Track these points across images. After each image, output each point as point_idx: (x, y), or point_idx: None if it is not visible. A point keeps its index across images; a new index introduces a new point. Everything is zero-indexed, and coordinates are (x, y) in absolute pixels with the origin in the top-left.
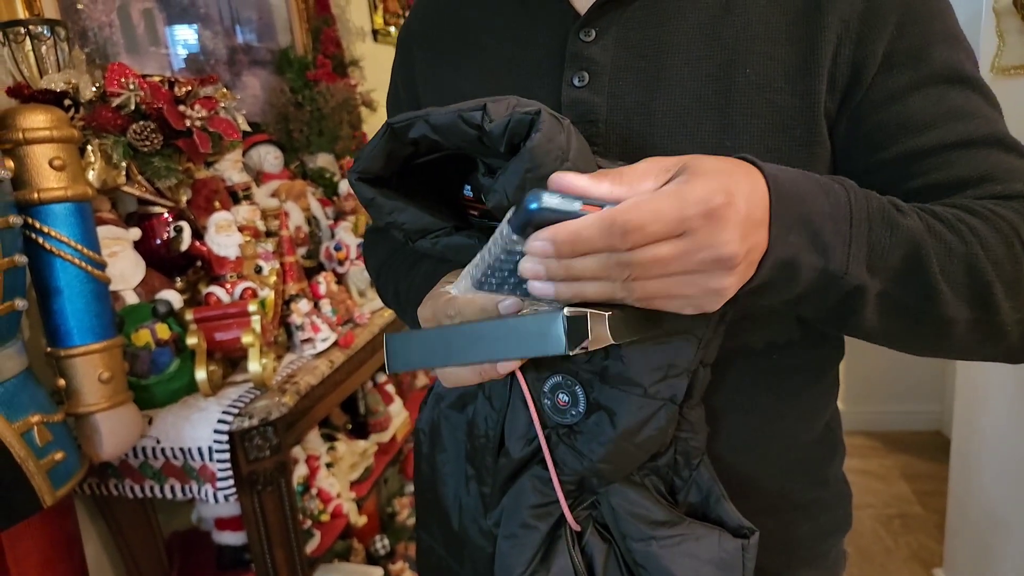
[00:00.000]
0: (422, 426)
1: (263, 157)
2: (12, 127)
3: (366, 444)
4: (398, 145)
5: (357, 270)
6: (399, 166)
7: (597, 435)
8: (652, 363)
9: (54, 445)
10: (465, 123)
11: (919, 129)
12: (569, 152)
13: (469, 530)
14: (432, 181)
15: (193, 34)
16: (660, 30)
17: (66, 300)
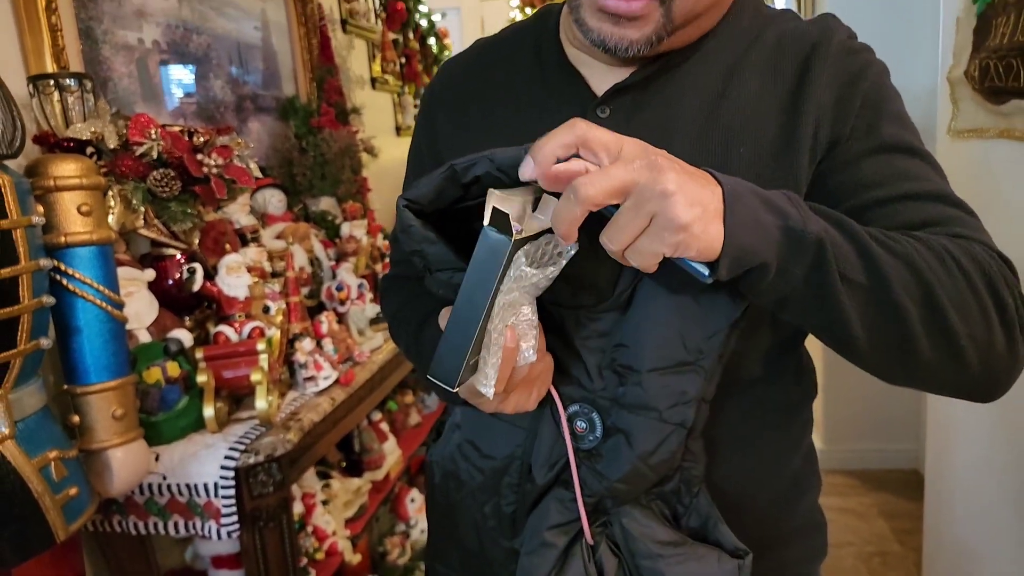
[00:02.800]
0: (436, 457)
1: (267, 200)
2: (44, 175)
3: (360, 482)
4: (452, 185)
5: (357, 310)
6: (444, 205)
7: (616, 457)
8: (669, 389)
9: (69, 480)
10: None
11: (873, 186)
12: None
13: (491, 551)
14: (455, 227)
15: (205, 83)
16: (667, 111)
17: (85, 339)
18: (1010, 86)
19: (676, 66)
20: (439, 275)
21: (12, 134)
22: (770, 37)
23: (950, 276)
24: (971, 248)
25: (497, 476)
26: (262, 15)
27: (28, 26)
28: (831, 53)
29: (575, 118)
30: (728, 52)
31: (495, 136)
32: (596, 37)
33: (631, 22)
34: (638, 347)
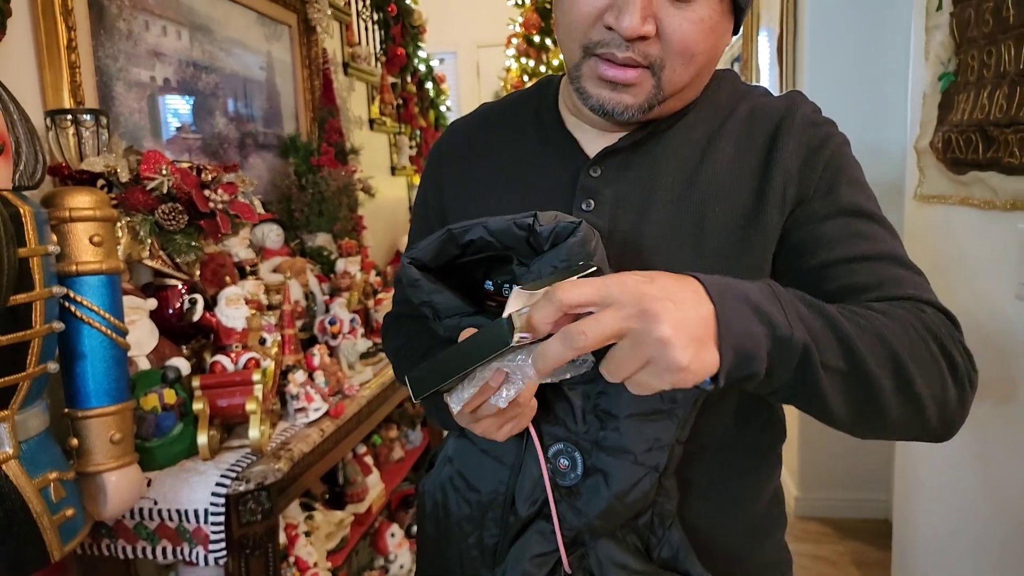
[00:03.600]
0: (428, 488)
1: (266, 234)
2: (60, 206)
3: (343, 514)
4: (449, 246)
5: (348, 344)
6: (444, 261)
7: (595, 495)
8: (643, 435)
9: (66, 502)
10: (517, 227)
11: (831, 246)
12: (594, 256)
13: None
14: (456, 276)
15: (211, 119)
16: (651, 173)
17: (88, 364)
18: (970, 158)
19: (661, 133)
20: (447, 321)
21: (34, 167)
22: (743, 110)
23: (914, 346)
24: (924, 316)
25: (483, 509)
26: (268, 56)
27: (48, 62)
28: (796, 125)
29: (553, 287)
30: (707, 123)
31: (498, 191)
32: (596, 103)
33: (627, 89)
34: (617, 395)
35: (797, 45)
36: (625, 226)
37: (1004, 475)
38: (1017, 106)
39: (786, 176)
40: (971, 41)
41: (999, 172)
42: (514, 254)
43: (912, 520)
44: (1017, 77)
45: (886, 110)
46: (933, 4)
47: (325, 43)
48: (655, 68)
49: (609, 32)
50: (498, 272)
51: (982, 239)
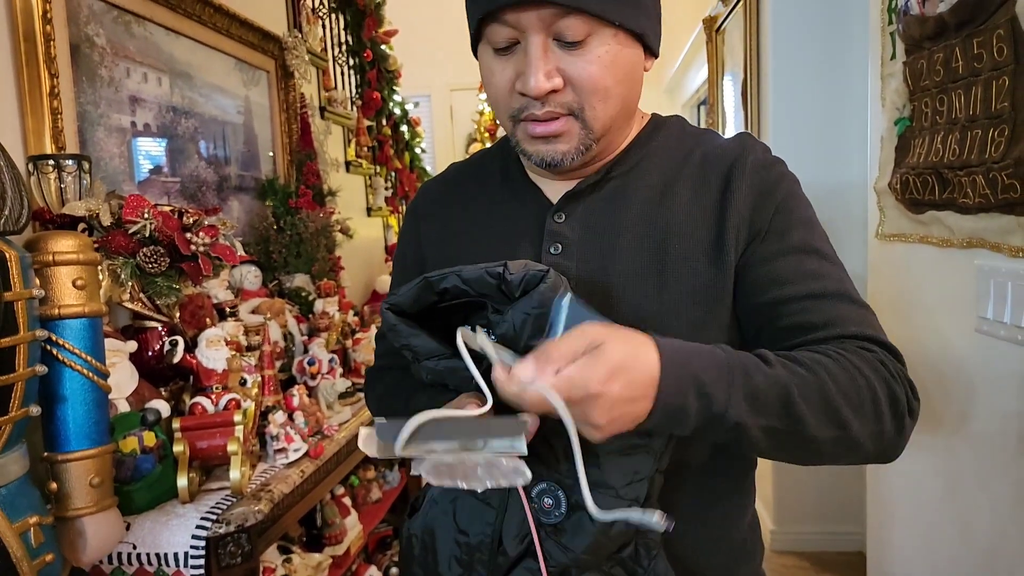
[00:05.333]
0: (415, 531)
1: (244, 276)
2: (43, 250)
3: (321, 557)
4: (427, 293)
5: (327, 384)
6: (422, 308)
7: (579, 531)
8: (622, 469)
9: (45, 547)
10: (489, 276)
11: (783, 283)
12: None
13: None
14: (438, 320)
15: (190, 163)
16: (613, 216)
17: (69, 407)
18: (927, 199)
19: (619, 178)
20: (427, 363)
21: (19, 212)
22: (697, 155)
23: (857, 393)
24: (870, 358)
25: (471, 551)
26: (246, 100)
27: (31, 109)
28: (748, 169)
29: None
30: (662, 169)
31: (472, 240)
32: (537, 159)
33: (558, 139)
34: None
35: (761, 89)
36: (592, 267)
37: (971, 504)
38: (968, 150)
39: (739, 218)
40: (924, 89)
41: (955, 212)
42: (488, 301)
43: (886, 551)
44: (967, 123)
45: (847, 151)
46: (887, 53)
47: (302, 88)
48: (576, 113)
49: (523, 98)
50: (476, 317)
51: (941, 276)
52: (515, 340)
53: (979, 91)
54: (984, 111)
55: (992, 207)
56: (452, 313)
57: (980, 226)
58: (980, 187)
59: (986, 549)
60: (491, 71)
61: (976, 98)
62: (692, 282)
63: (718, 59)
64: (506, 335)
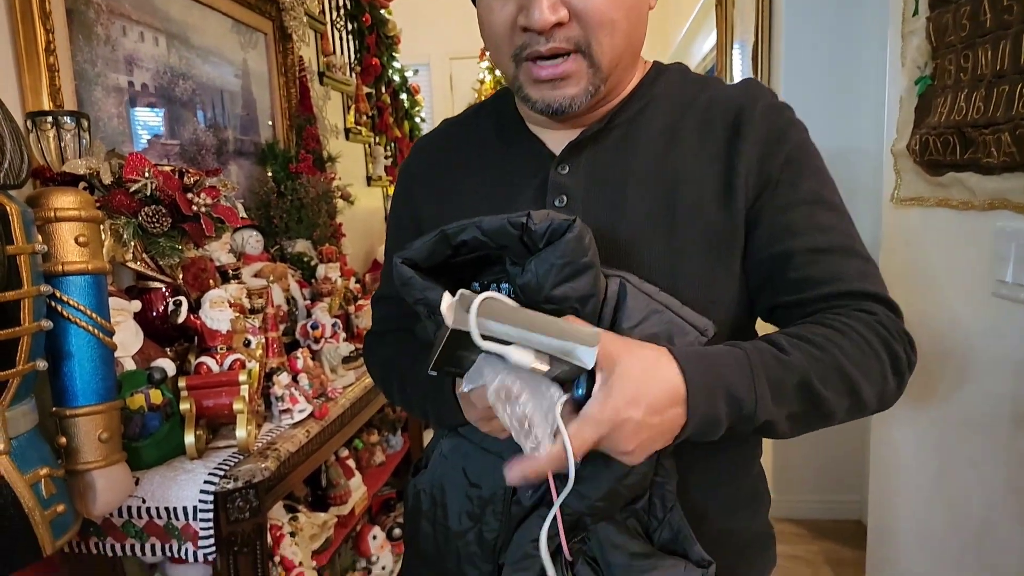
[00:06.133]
0: (423, 486)
1: (245, 240)
2: (45, 206)
3: (326, 516)
4: (443, 247)
5: (331, 348)
6: (435, 263)
7: (596, 479)
8: None
9: (57, 498)
10: (511, 226)
11: (793, 235)
12: (589, 251)
13: (468, 573)
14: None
15: (188, 126)
16: (619, 164)
17: (76, 363)
18: (947, 159)
19: (623, 126)
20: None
21: (20, 166)
22: (702, 101)
23: (866, 361)
24: (874, 320)
25: (483, 504)
26: (244, 63)
27: (27, 65)
28: (756, 116)
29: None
30: (667, 115)
31: (471, 195)
32: (541, 104)
33: (565, 81)
34: None
35: (772, 54)
36: (599, 219)
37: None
38: (994, 107)
39: (748, 165)
40: (948, 45)
41: (977, 172)
42: (507, 254)
43: (886, 520)
44: (994, 79)
45: (861, 115)
46: (909, 10)
47: (301, 51)
48: (583, 49)
49: (526, 33)
50: (487, 273)
51: (960, 240)
52: (537, 290)
53: (1008, 45)
54: (1013, 66)
55: (1018, 166)
56: (461, 269)
57: (1004, 186)
58: (1006, 145)
59: (979, 522)
60: (490, 9)
61: (1004, 53)
62: (703, 229)
63: (727, 24)
64: (528, 285)
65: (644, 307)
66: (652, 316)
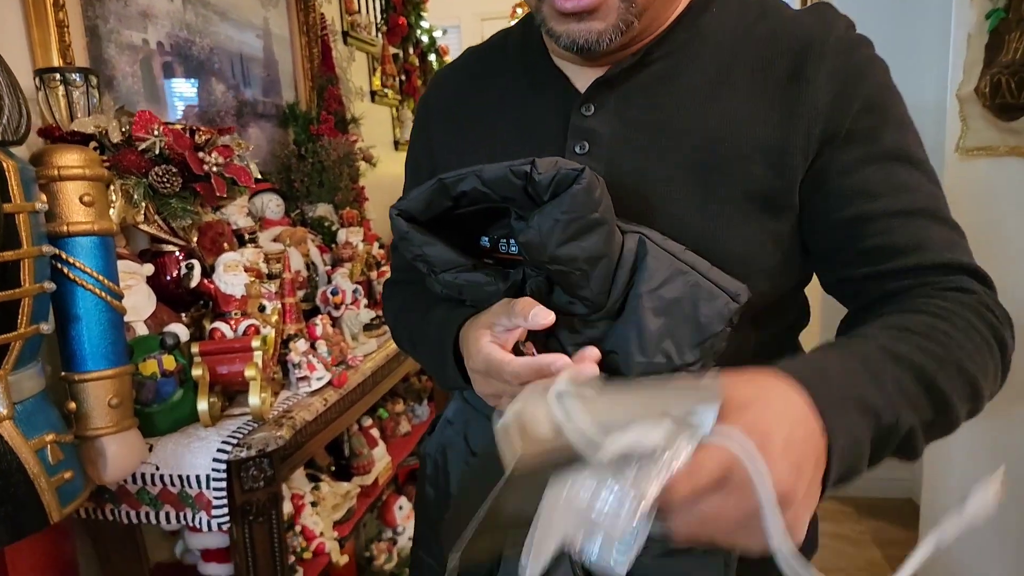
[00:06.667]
0: (429, 451)
1: (265, 204)
2: (48, 164)
3: (349, 486)
4: (441, 197)
5: (351, 315)
6: (436, 214)
7: None
8: None
9: (64, 464)
10: (514, 175)
11: (870, 196)
12: (599, 206)
13: None
14: (452, 230)
15: (207, 87)
16: (654, 107)
17: (84, 327)
18: (1022, 102)
19: (659, 61)
20: (444, 276)
21: (18, 121)
22: (761, 31)
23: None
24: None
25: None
26: (264, 24)
27: (36, 21)
28: (828, 50)
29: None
30: (716, 48)
31: (489, 142)
32: (566, 40)
33: (593, 15)
34: (626, 355)
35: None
36: (625, 170)
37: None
38: None
39: (814, 113)
40: None
41: None
42: (512, 206)
43: (940, 499)
44: None
45: (921, 60)
46: None
47: (323, 8)
48: None
49: None
50: (496, 227)
51: None
52: (541, 249)
53: None
54: None
55: None
56: (470, 222)
57: None
58: None
59: None
60: None
61: None
62: (746, 188)
63: None
64: (530, 243)
65: (666, 267)
66: (675, 278)
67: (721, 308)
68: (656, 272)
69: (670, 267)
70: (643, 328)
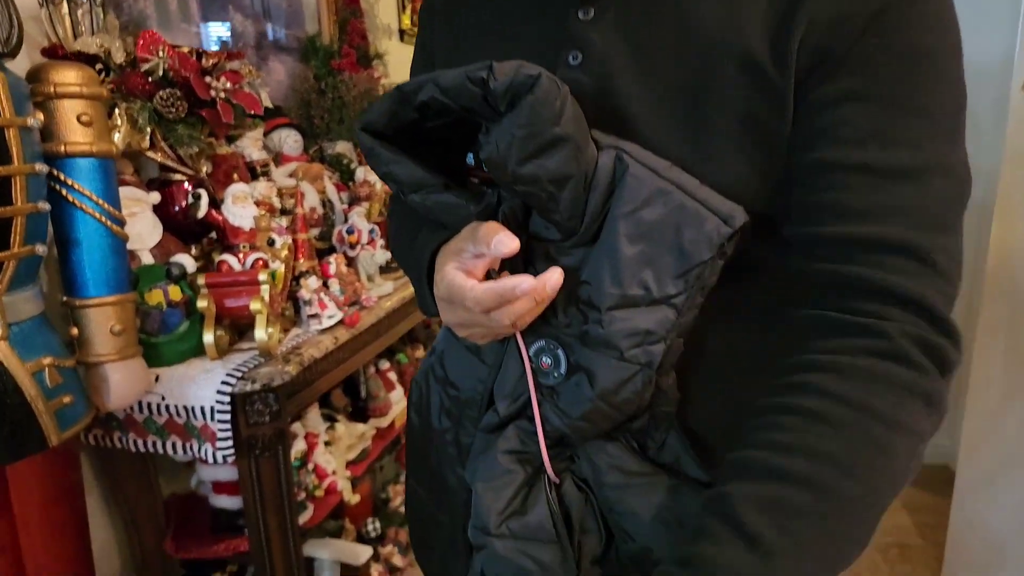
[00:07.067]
0: (418, 378)
1: (283, 140)
2: (44, 81)
3: (364, 427)
4: (403, 107)
5: (367, 254)
6: (404, 127)
7: (577, 395)
8: (629, 328)
9: (63, 388)
10: (471, 82)
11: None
12: (561, 118)
13: (448, 478)
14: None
15: (224, 16)
16: (660, 13)
17: (84, 252)
18: None
19: None
20: (413, 197)
21: (8, 32)
22: None
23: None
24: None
25: (460, 407)
26: None
27: None
28: None
29: None
30: None
31: (479, 42)
32: None
33: None
34: (599, 284)
35: None
36: (618, 84)
37: None
38: None
39: (807, 26)
40: None
41: None
42: (477, 118)
43: (979, 464)
44: None
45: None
46: None
47: None
48: None
49: None
50: None
51: None
52: (501, 167)
53: None
54: None
55: None
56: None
57: None
58: None
59: None
60: None
61: None
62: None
63: None
64: (491, 161)
65: (647, 187)
66: (656, 199)
67: (710, 233)
68: (635, 192)
69: (651, 186)
70: (617, 256)
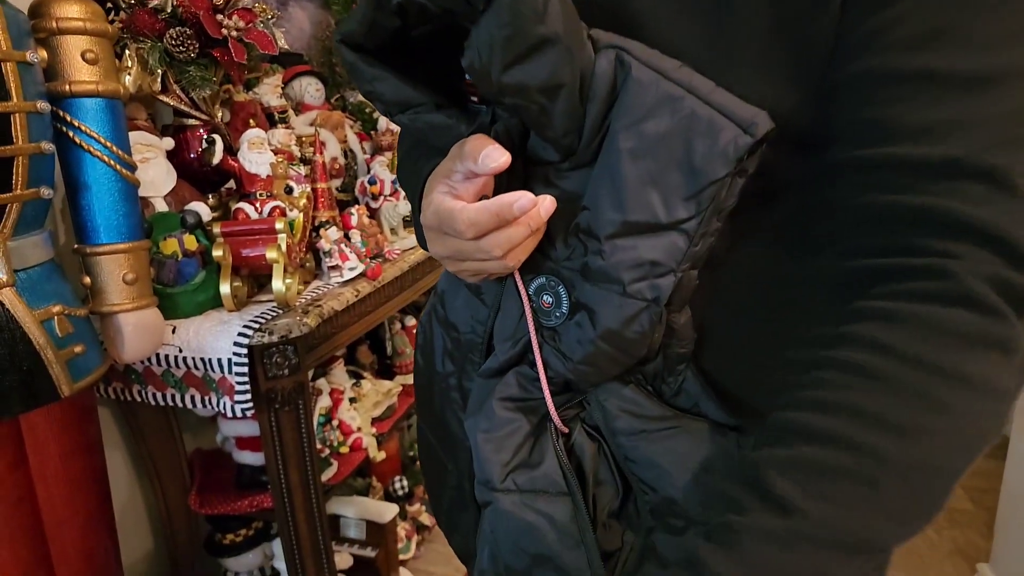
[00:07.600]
0: (423, 318)
1: (304, 88)
2: (46, 15)
3: (391, 384)
4: (383, 14)
5: (390, 206)
6: (391, 41)
7: (578, 336)
8: (633, 259)
9: (74, 338)
10: None
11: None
12: (545, 15)
13: (451, 424)
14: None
15: None
16: None
17: (94, 197)
18: None
19: None
20: (401, 119)
21: None
22: None
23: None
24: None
25: (462, 350)
26: None
27: None
28: None
29: None
30: None
31: None
32: None
33: None
34: (598, 209)
35: None
36: None
37: None
38: None
39: None
40: None
41: None
42: (461, 21)
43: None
44: None
45: None
46: None
47: None
48: None
49: None
50: None
51: None
52: (485, 76)
53: None
54: None
55: None
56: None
57: None
58: None
59: None
60: None
61: None
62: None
63: None
64: (472, 69)
65: (652, 93)
66: (663, 107)
67: (726, 145)
68: (638, 99)
69: (657, 92)
70: (618, 175)
